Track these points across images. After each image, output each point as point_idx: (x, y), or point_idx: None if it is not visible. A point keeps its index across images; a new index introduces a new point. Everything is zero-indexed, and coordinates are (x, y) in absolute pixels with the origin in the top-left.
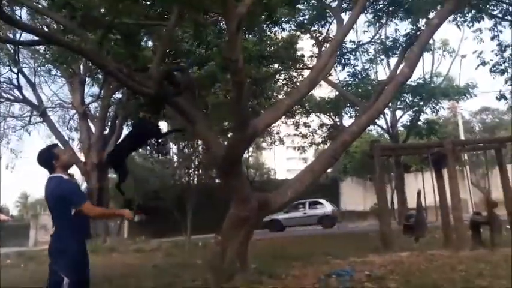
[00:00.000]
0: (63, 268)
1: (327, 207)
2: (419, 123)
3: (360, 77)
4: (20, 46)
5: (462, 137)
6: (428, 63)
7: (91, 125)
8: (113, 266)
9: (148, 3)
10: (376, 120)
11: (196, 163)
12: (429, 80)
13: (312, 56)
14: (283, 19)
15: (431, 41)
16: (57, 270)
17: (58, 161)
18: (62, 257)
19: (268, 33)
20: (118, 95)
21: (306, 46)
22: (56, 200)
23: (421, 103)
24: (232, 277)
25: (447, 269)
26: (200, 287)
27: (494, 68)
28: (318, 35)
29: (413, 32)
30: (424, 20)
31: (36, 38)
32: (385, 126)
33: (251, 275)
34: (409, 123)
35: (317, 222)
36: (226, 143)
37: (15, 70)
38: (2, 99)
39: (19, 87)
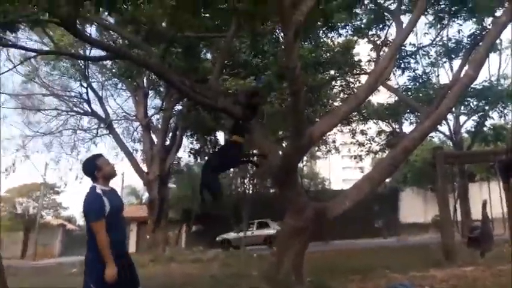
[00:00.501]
0: (91, 279)
1: (272, 228)
2: (485, 128)
3: (420, 81)
4: (89, 62)
5: None
6: (495, 64)
7: (153, 136)
8: (172, 276)
9: (208, 15)
10: (439, 127)
11: (252, 173)
12: (496, 82)
13: (369, 61)
14: (339, 24)
15: (498, 41)
16: (87, 281)
17: (100, 172)
18: (91, 267)
19: (325, 39)
20: (179, 107)
21: (363, 51)
22: (83, 210)
23: (487, 107)
24: None
25: None
26: None
27: None
28: (376, 39)
29: (478, 32)
30: (491, 18)
31: (104, 53)
32: (448, 133)
33: None
34: (473, 129)
35: (263, 242)
36: (281, 152)
37: (84, 85)
38: (73, 113)
39: (88, 101)
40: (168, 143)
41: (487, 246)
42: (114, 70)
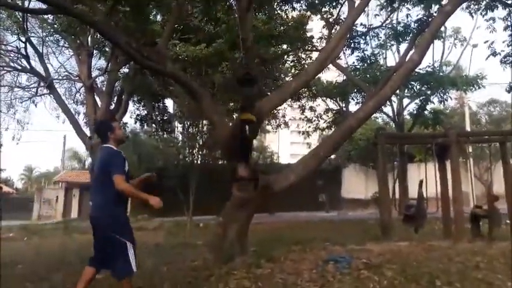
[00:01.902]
0: (123, 233)
1: None
2: (426, 112)
3: (368, 62)
4: (28, 14)
5: (468, 129)
6: (439, 51)
7: (97, 99)
8: None
9: None
10: (383, 108)
11: (201, 143)
12: (438, 68)
13: (321, 38)
14: None
15: (442, 29)
16: (117, 235)
17: (113, 133)
18: (118, 222)
19: (279, 11)
20: (125, 70)
21: (316, 27)
22: (104, 166)
23: (429, 92)
24: (231, 259)
25: (444, 260)
26: (199, 267)
27: (505, 59)
28: (329, 16)
29: (425, 18)
30: (437, 6)
31: (45, 6)
32: (391, 114)
33: (250, 258)
34: (415, 112)
35: None
36: (231, 123)
37: (23, 39)
38: (9, 69)
39: (27, 57)
40: (112, 107)
41: (420, 223)
42: (56, 25)
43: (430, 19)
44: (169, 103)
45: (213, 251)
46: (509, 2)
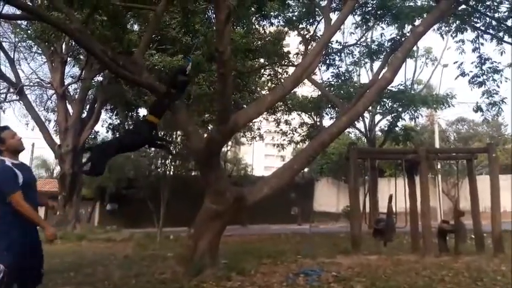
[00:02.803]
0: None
1: None
2: (397, 129)
3: (343, 78)
4: (0, 19)
5: (437, 145)
6: (411, 70)
7: (69, 107)
8: (82, 254)
9: None
10: (355, 123)
11: (174, 153)
12: (410, 86)
13: (298, 54)
14: (272, 13)
15: (414, 48)
16: None
17: (4, 145)
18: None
19: (257, 26)
20: (99, 78)
21: (292, 43)
22: None
23: (400, 109)
24: (201, 271)
25: (412, 274)
26: (169, 280)
27: (473, 80)
28: (306, 32)
29: (398, 37)
30: (410, 26)
31: (18, 11)
32: (363, 130)
33: (220, 270)
34: (386, 128)
35: None
36: (205, 135)
37: None
38: None
39: None
40: (84, 115)
41: (389, 237)
42: (29, 31)
43: (403, 39)
44: (143, 112)
45: (183, 264)
46: (477, 25)
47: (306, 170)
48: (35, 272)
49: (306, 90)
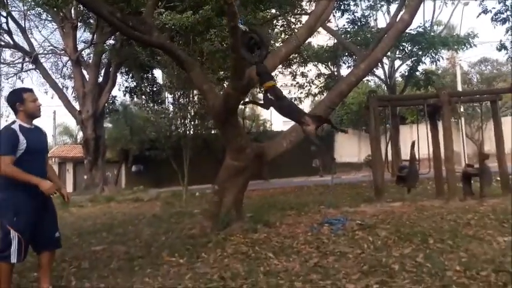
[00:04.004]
0: (8, 219)
1: None
2: (418, 73)
3: (359, 24)
4: None
5: (460, 88)
6: (429, 10)
7: (85, 72)
8: (112, 215)
9: None
10: (374, 70)
11: (192, 113)
12: (429, 28)
13: (310, 1)
14: None
15: None
16: (3, 222)
17: (22, 105)
18: (6, 207)
19: None
20: (111, 41)
21: None
22: None
23: (420, 52)
24: (228, 225)
25: (437, 219)
26: (197, 235)
27: (496, 17)
28: None
29: None
30: None
31: None
32: (383, 77)
33: (246, 223)
34: (407, 74)
35: None
36: (222, 92)
37: (4, 13)
38: None
39: (9, 32)
40: (101, 80)
41: (413, 184)
42: None
43: None
44: (158, 74)
45: (210, 219)
46: None
47: None
48: (48, 236)
49: (321, 39)
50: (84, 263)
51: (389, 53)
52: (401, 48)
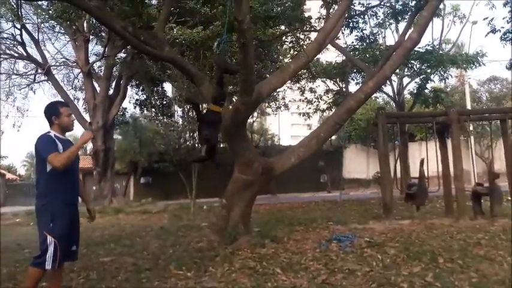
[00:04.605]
0: (46, 225)
1: None
2: (426, 91)
3: (368, 41)
4: (22, 1)
5: (469, 107)
6: (438, 29)
7: (96, 84)
8: (121, 227)
9: None
10: (383, 87)
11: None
12: (438, 46)
13: (319, 18)
14: None
15: (441, 6)
16: (41, 229)
17: (58, 118)
18: (44, 214)
19: None
20: (122, 54)
21: (313, 7)
22: (35, 155)
23: (429, 70)
24: (235, 239)
25: (446, 238)
26: (205, 248)
27: (505, 36)
28: None
29: None
30: None
31: None
32: (391, 94)
33: (254, 238)
34: (415, 91)
35: None
36: (230, 106)
37: (18, 26)
38: (6, 56)
39: (23, 44)
40: (111, 92)
41: (422, 202)
42: (50, 11)
43: None
44: (168, 87)
45: (217, 232)
46: None
47: (333, 137)
48: (71, 247)
49: (329, 55)
50: (92, 273)
51: (397, 71)
52: (409, 65)
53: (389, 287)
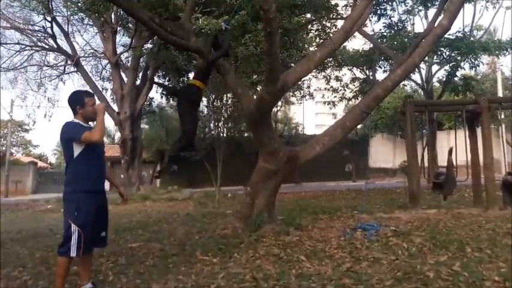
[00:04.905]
0: (71, 213)
1: None
2: (456, 79)
3: (396, 28)
4: None
5: (500, 94)
6: (469, 15)
7: (123, 75)
8: (148, 213)
9: None
10: (411, 75)
11: (226, 116)
12: (469, 33)
13: (346, 6)
14: None
15: None
16: (66, 217)
17: (82, 108)
18: (70, 202)
19: None
20: (149, 45)
21: None
22: (62, 142)
23: (459, 58)
24: (260, 227)
25: (474, 227)
26: (229, 235)
27: None
28: None
29: None
30: None
31: None
32: (419, 82)
33: (278, 226)
34: (445, 79)
35: None
36: (255, 96)
37: (48, 18)
38: (37, 48)
39: (53, 36)
40: (138, 82)
41: (449, 191)
42: (79, 4)
43: None
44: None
45: (242, 220)
46: None
47: (359, 126)
48: (100, 233)
49: (356, 43)
50: (120, 259)
51: (427, 58)
52: (439, 53)
53: (415, 275)
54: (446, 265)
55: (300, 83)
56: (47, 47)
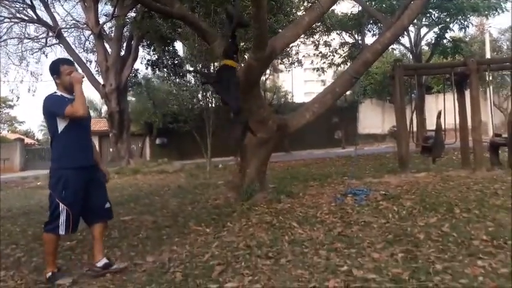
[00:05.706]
0: (58, 192)
1: None
2: (445, 41)
3: None
4: None
5: (488, 56)
6: None
7: (107, 46)
8: (139, 187)
9: None
10: (400, 39)
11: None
12: None
13: None
14: None
15: None
16: (52, 195)
17: (59, 78)
18: (56, 179)
19: None
20: (132, 14)
21: None
22: (45, 117)
23: (448, 19)
24: (252, 196)
25: (463, 189)
26: (222, 205)
27: None
28: None
29: None
30: None
31: None
32: (408, 45)
33: (270, 194)
34: (433, 42)
35: None
36: (243, 64)
37: None
38: (16, 20)
39: (32, 7)
40: (123, 53)
41: (438, 154)
42: None
43: None
44: (179, 46)
45: (233, 190)
46: None
47: (348, 92)
48: (98, 207)
49: (345, 6)
50: (114, 232)
51: (415, 21)
52: (428, 15)
53: (405, 237)
54: (435, 226)
55: (288, 49)
56: (26, 18)
